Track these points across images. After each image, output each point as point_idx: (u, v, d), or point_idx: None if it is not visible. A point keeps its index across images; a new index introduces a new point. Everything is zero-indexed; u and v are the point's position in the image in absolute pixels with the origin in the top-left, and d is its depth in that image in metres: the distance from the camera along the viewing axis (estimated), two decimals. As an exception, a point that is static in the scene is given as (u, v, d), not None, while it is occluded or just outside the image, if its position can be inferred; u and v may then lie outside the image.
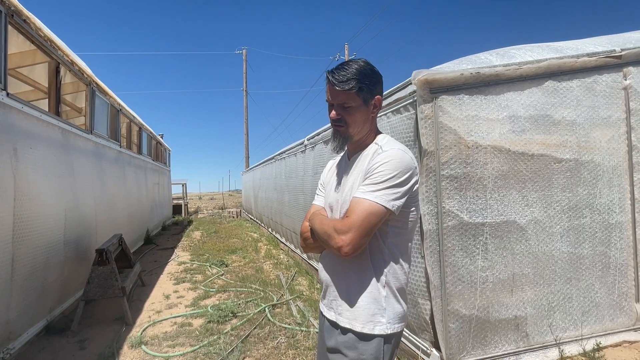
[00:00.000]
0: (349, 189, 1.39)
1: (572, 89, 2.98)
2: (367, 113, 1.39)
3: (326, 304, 1.46)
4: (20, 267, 3.45)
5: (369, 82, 1.35)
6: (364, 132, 1.42)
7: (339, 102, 1.36)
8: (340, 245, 1.25)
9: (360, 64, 1.36)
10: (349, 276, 1.38)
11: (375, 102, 1.40)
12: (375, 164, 1.31)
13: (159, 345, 3.66)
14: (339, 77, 1.33)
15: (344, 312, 1.38)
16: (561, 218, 2.94)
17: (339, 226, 1.28)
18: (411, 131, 2.87)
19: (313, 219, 1.44)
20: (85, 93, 5.82)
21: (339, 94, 1.35)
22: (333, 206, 1.46)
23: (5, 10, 3.40)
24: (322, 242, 1.37)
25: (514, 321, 2.82)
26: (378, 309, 1.35)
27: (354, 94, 1.34)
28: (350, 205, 1.30)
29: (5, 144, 3.30)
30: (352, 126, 1.38)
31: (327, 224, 1.34)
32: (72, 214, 4.74)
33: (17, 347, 3.39)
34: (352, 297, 1.36)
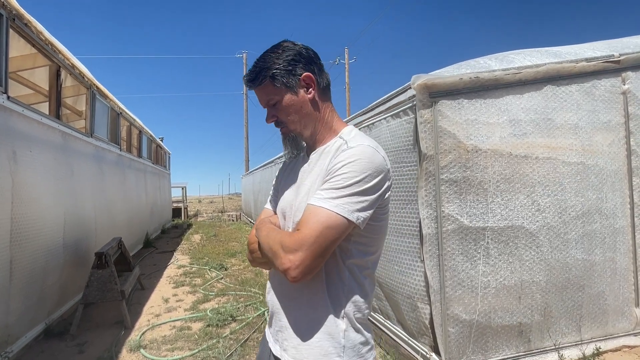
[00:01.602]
0: (306, 193, 1.11)
1: (571, 94, 2.99)
2: (302, 99, 1.12)
3: (272, 333, 1.19)
4: (19, 270, 3.45)
5: (281, 63, 1.10)
6: (312, 122, 1.15)
7: (265, 103, 1.15)
8: (287, 267, 0.97)
9: (273, 48, 1.14)
10: (300, 306, 1.10)
11: (304, 82, 1.12)
12: (338, 163, 1.02)
13: (158, 349, 3.65)
14: (249, 76, 1.13)
15: (289, 349, 1.10)
16: (576, 224, 2.93)
17: (287, 242, 0.99)
18: (410, 135, 2.87)
19: (259, 229, 1.15)
20: (86, 96, 5.83)
21: (259, 95, 1.15)
22: (286, 212, 1.17)
23: (7, 14, 3.41)
24: (267, 258, 1.08)
25: (518, 328, 2.81)
26: (334, 347, 1.06)
27: (270, 86, 1.11)
28: (303, 214, 1.02)
29: (4, 147, 3.30)
30: (291, 122, 1.14)
31: (273, 238, 1.05)
32: (72, 217, 4.74)
33: (15, 351, 3.38)
34: (303, 330, 1.09)
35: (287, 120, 1.14)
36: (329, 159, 1.08)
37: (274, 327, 1.18)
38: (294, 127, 1.15)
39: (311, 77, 1.13)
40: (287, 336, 1.11)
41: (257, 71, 1.12)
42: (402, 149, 2.98)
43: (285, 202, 1.19)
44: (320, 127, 1.16)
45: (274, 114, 1.15)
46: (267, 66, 1.10)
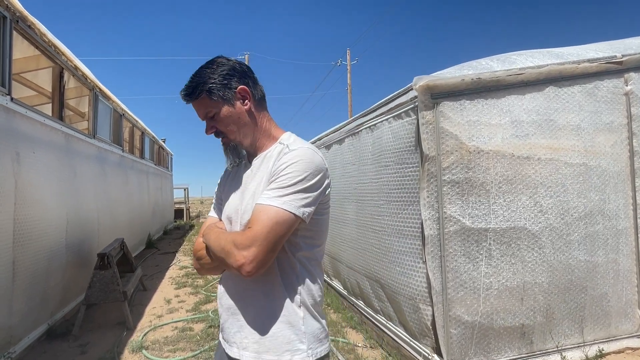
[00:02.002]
0: (251, 196, 1.18)
1: (573, 95, 2.99)
2: (239, 110, 1.20)
3: (227, 337, 1.22)
4: (22, 271, 3.46)
5: (216, 78, 1.17)
6: (250, 132, 1.23)
7: (203, 116, 1.22)
8: (241, 263, 1.03)
9: (208, 63, 1.21)
10: (258, 300, 1.16)
11: (240, 94, 1.20)
12: (282, 165, 1.12)
13: (160, 350, 3.65)
14: (185, 90, 1.19)
15: (250, 345, 1.15)
16: (578, 225, 2.92)
17: (239, 240, 1.06)
18: (412, 136, 2.87)
19: (208, 234, 1.20)
20: (89, 98, 5.85)
21: (197, 108, 1.21)
22: (232, 217, 1.24)
23: (11, 16, 3.43)
24: (219, 261, 1.14)
25: (521, 329, 2.80)
26: (295, 334, 1.14)
27: (206, 99, 1.18)
28: (252, 214, 1.09)
29: (7, 148, 3.32)
30: (231, 133, 1.21)
31: (224, 239, 1.12)
32: (74, 218, 4.75)
33: (18, 351, 3.39)
34: (263, 324, 1.14)
35: (227, 131, 1.21)
36: (272, 162, 1.17)
37: (229, 330, 1.21)
38: (233, 136, 1.22)
39: (246, 90, 1.21)
40: (246, 334, 1.16)
41: (193, 86, 1.18)
42: (404, 150, 2.98)
43: (231, 208, 1.25)
44: (258, 135, 1.25)
45: (212, 125, 1.22)
46: (203, 81, 1.17)
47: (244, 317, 1.17)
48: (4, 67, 3.38)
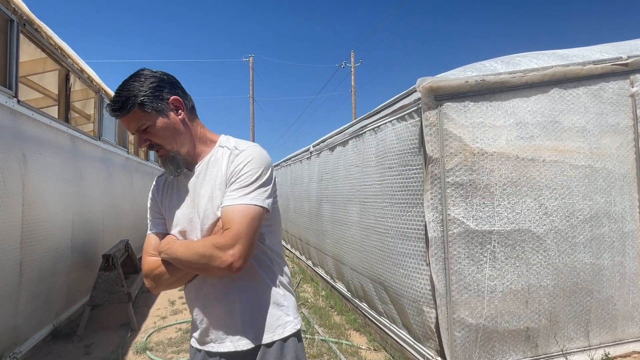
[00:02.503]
0: (207, 201, 1.22)
1: (578, 96, 2.97)
2: (173, 122, 1.21)
3: (214, 338, 1.26)
4: (28, 272, 3.49)
5: (147, 90, 1.17)
6: (187, 141, 1.24)
7: (135, 129, 1.20)
8: (230, 262, 1.09)
9: (135, 77, 1.20)
10: (244, 293, 1.24)
11: (173, 105, 1.22)
12: (239, 165, 1.18)
13: (164, 351, 3.67)
14: (115, 105, 1.16)
15: (246, 334, 1.23)
16: (584, 228, 2.90)
17: (221, 242, 1.10)
18: (416, 138, 2.87)
19: (172, 248, 1.20)
20: (94, 100, 5.90)
21: (128, 122, 1.19)
22: (186, 228, 1.26)
23: (18, 20, 3.47)
24: (195, 269, 1.18)
25: (526, 332, 2.78)
26: (282, 310, 1.27)
27: (138, 112, 1.16)
28: (224, 215, 1.14)
29: (14, 150, 3.35)
30: (167, 143, 1.21)
31: (201, 246, 1.14)
32: (80, 219, 4.78)
33: (23, 352, 3.41)
34: (254, 312, 1.24)
35: (163, 142, 1.21)
36: (225, 166, 1.22)
37: (214, 333, 1.25)
38: (170, 147, 1.22)
39: (179, 100, 1.23)
40: (240, 326, 1.23)
41: (123, 100, 1.16)
42: (408, 152, 2.98)
43: (183, 219, 1.26)
44: (195, 142, 1.27)
45: (146, 138, 1.21)
46: (133, 94, 1.16)
47: (234, 313, 1.23)
48: (11, 70, 3.42)
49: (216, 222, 1.21)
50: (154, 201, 1.36)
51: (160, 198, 1.34)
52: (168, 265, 1.22)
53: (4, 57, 3.39)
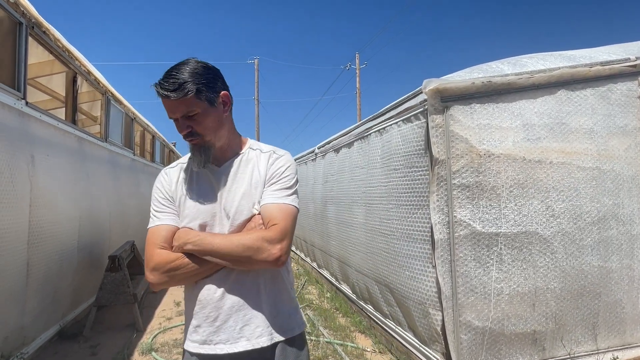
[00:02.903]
0: (242, 197, 1.25)
1: (586, 98, 2.95)
2: (219, 114, 1.25)
3: (227, 337, 1.24)
4: (35, 273, 3.51)
5: (205, 80, 1.20)
6: (224, 135, 1.28)
7: (182, 114, 1.19)
8: (278, 256, 1.16)
9: (189, 64, 1.20)
10: (263, 290, 1.26)
11: (222, 100, 1.26)
12: (280, 168, 1.28)
13: (169, 352, 3.67)
14: (170, 86, 1.15)
15: (263, 332, 1.24)
16: (591, 230, 2.87)
17: (271, 235, 1.16)
18: (422, 140, 2.86)
19: (206, 239, 1.19)
20: (101, 102, 5.94)
21: (178, 105, 1.18)
22: (208, 221, 1.26)
23: (27, 22, 3.50)
24: (235, 261, 1.18)
25: (532, 335, 2.75)
26: (294, 310, 1.34)
27: (193, 98, 1.17)
28: (269, 211, 1.21)
29: (23, 151, 3.38)
30: (208, 134, 1.23)
31: (247, 238, 1.17)
32: (86, 220, 4.81)
33: (30, 352, 3.43)
34: (271, 311, 1.27)
35: (205, 132, 1.23)
36: (264, 166, 1.29)
37: (231, 328, 1.23)
38: (209, 138, 1.24)
39: (228, 96, 1.28)
40: (257, 324, 1.24)
41: (179, 83, 1.16)
42: (414, 154, 2.97)
43: (206, 212, 1.26)
44: (229, 139, 1.31)
45: (189, 125, 1.21)
46: (193, 79, 1.17)
47: (251, 310, 1.24)
48: (20, 72, 3.45)
49: (250, 218, 1.25)
50: (165, 192, 1.32)
51: (174, 189, 1.31)
52: (191, 258, 1.20)
53: (12, 59, 3.42)
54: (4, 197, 3.03)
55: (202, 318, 1.25)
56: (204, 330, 1.25)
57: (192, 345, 1.27)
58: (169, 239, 1.24)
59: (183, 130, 1.21)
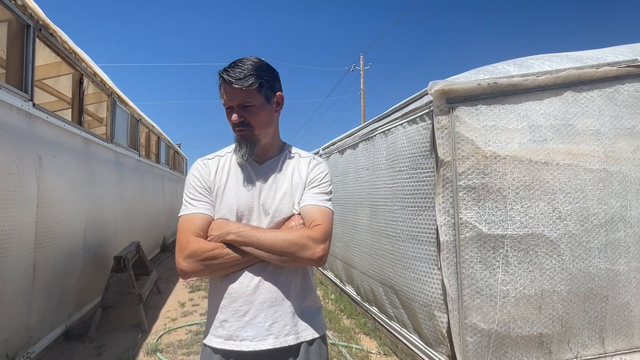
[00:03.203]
0: (283, 196, 1.29)
1: (593, 99, 2.93)
2: (271, 112, 1.30)
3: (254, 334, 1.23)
4: (41, 273, 3.53)
5: (267, 77, 1.25)
6: (270, 134, 1.32)
7: (239, 103, 1.23)
8: (321, 255, 1.21)
9: (254, 59, 1.26)
10: (294, 289, 1.29)
11: (277, 99, 1.31)
12: (320, 174, 1.34)
13: (174, 353, 3.68)
14: (235, 74, 1.20)
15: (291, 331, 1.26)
16: (599, 232, 2.85)
17: (316, 235, 1.21)
18: (427, 141, 2.85)
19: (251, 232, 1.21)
20: (107, 103, 5.98)
21: (238, 93, 1.22)
22: (245, 214, 1.28)
23: (34, 25, 3.53)
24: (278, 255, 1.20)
25: (539, 338, 2.73)
26: (319, 311, 1.37)
27: (254, 90, 1.22)
28: (311, 212, 1.26)
29: (30, 152, 3.40)
30: (257, 128, 1.26)
31: (294, 234, 1.21)
32: (92, 221, 4.84)
33: (36, 352, 3.45)
34: (300, 310, 1.29)
35: (255, 125, 1.26)
36: (305, 170, 1.35)
37: (261, 325, 1.23)
38: (258, 132, 1.27)
39: (282, 98, 1.33)
40: (285, 322, 1.25)
41: (246, 73, 1.21)
42: (419, 155, 2.96)
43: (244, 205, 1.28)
44: (273, 139, 1.35)
45: (242, 115, 1.25)
46: (258, 73, 1.23)
47: (282, 307, 1.26)
48: (27, 74, 3.48)
49: (290, 217, 1.29)
50: (204, 181, 1.31)
51: (213, 180, 1.32)
52: (232, 248, 1.21)
53: (20, 61, 3.45)
54: (12, 197, 3.05)
55: (231, 312, 1.24)
56: (230, 325, 1.24)
57: (216, 341, 1.25)
58: (204, 228, 1.24)
59: (236, 119, 1.24)
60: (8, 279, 3.00)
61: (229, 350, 1.23)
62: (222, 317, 1.25)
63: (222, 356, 1.24)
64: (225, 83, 1.22)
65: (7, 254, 2.98)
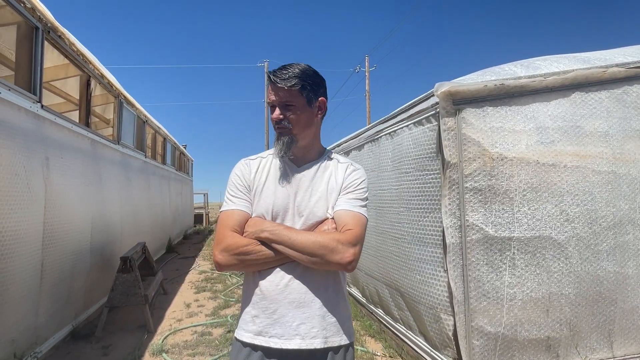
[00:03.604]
0: (318, 200, 1.33)
1: (601, 100, 2.90)
2: (312, 115, 1.36)
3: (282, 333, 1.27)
4: (49, 273, 3.56)
5: (311, 81, 1.33)
6: (310, 136, 1.37)
7: (281, 101, 1.31)
8: (350, 260, 1.22)
9: (302, 65, 1.35)
10: (325, 292, 1.30)
11: (319, 104, 1.37)
12: (356, 180, 1.37)
13: (180, 354, 3.69)
14: (281, 75, 1.30)
15: (318, 333, 1.27)
16: (607, 235, 2.82)
17: (346, 239, 1.23)
18: (433, 143, 2.84)
19: (284, 231, 1.25)
20: (114, 105, 6.02)
21: (281, 92, 1.31)
22: (280, 214, 1.33)
23: (43, 27, 3.57)
24: (308, 256, 1.22)
25: (546, 342, 2.71)
26: (347, 317, 1.36)
27: (296, 92, 1.30)
28: (344, 217, 1.29)
29: (38, 153, 3.44)
30: (296, 127, 1.32)
31: (325, 237, 1.23)
32: (99, 222, 4.87)
33: (43, 351, 3.48)
34: (328, 314, 1.30)
35: (294, 125, 1.32)
36: (342, 176, 1.37)
37: (289, 324, 1.26)
38: (296, 131, 1.33)
39: (325, 103, 1.40)
40: (313, 324, 1.27)
41: (291, 75, 1.30)
42: (425, 157, 2.95)
43: (280, 205, 1.34)
44: (312, 142, 1.39)
45: (282, 113, 1.32)
46: (302, 76, 1.31)
47: (310, 309, 1.27)
48: (36, 76, 3.51)
49: (322, 221, 1.32)
50: (244, 180, 1.38)
51: (253, 179, 1.38)
52: (265, 246, 1.26)
53: (29, 63, 3.49)
54: (20, 198, 3.08)
55: (261, 309, 1.29)
56: (261, 321, 1.28)
57: (246, 335, 1.30)
58: (241, 224, 1.31)
59: (276, 116, 1.32)
60: (16, 279, 3.03)
61: (257, 345, 1.28)
62: (254, 313, 1.30)
63: (251, 349, 1.29)
64: (271, 82, 1.31)
65: (16, 254, 3.01)
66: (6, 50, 4.36)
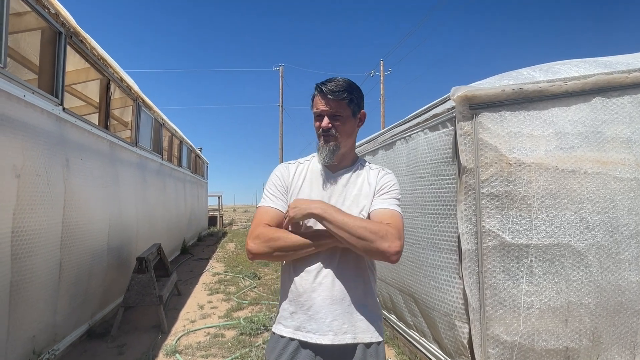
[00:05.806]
0: (352, 202, 1.43)
1: (623, 106, 2.83)
2: (354, 125, 1.47)
3: (317, 328, 1.35)
4: (67, 273, 3.63)
5: (357, 95, 1.44)
6: (349, 144, 1.48)
7: (331, 112, 1.41)
8: (396, 250, 1.26)
9: (347, 79, 1.45)
10: (357, 290, 1.38)
11: (361, 116, 1.50)
12: (389, 182, 1.47)
13: (193, 355, 3.72)
14: (331, 87, 1.39)
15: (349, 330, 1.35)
16: (629, 244, 2.74)
17: (392, 231, 1.28)
18: (449, 147, 2.81)
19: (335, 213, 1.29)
20: (132, 108, 6.14)
21: (331, 104, 1.40)
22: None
23: (65, 32, 3.66)
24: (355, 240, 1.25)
25: (565, 352, 2.64)
26: (378, 316, 1.42)
27: (345, 104, 1.40)
28: (383, 214, 1.36)
29: (58, 155, 3.52)
30: (342, 136, 1.43)
31: (375, 225, 1.28)
32: (116, 222, 4.95)
33: (61, 349, 3.55)
34: (358, 312, 1.37)
35: (340, 134, 1.43)
36: (374, 180, 1.47)
37: (323, 320, 1.34)
38: (341, 140, 1.44)
39: (365, 116, 1.51)
40: (344, 320, 1.34)
41: (341, 89, 1.40)
42: (440, 162, 2.92)
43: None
44: (350, 150, 1.51)
45: (330, 122, 1.42)
46: (351, 90, 1.42)
47: (341, 307, 1.35)
48: (58, 80, 3.61)
49: None
50: (283, 181, 1.49)
51: (291, 181, 1.50)
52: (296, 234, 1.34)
53: (51, 67, 3.58)
54: (41, 198, 3.16)
55: (298, 305, 1.39)
56: (299, 317, 1.38)
57: (285, 330, 1.40)
58: (274, 220, 1.39)
59: (326, 125, 1.41)
60: (36, 278, 3.10)
61: (298, 339, 1.37)
62: (292, 309, 1.40)
63: (289, 339, 1.39)
64: (321, 93, 1.41)
65: (35, 253, 3.08)
66: (31, 54, 4.49)
